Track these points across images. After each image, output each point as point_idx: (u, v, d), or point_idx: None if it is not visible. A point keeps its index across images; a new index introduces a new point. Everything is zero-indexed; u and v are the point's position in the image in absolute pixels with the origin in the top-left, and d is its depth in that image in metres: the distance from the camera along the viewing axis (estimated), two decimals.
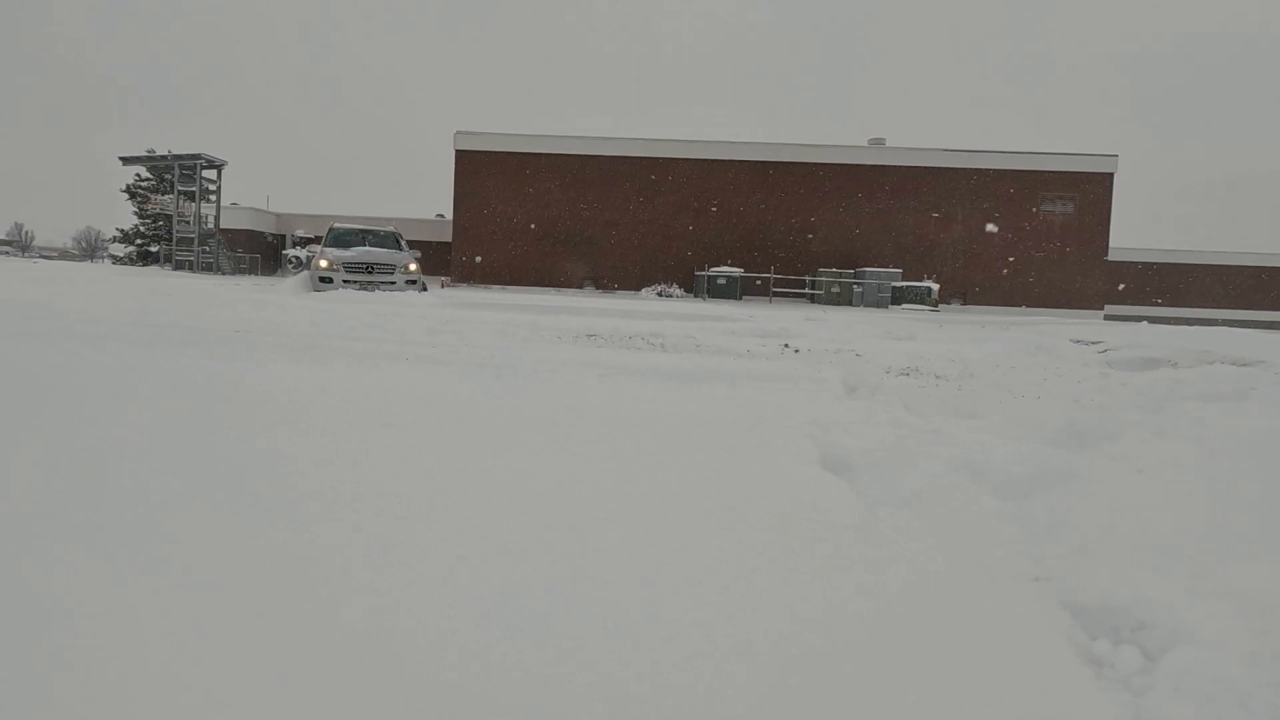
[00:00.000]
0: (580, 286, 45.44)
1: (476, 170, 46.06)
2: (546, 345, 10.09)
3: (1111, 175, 45.06)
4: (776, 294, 44.34)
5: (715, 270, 42.75)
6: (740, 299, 41.37)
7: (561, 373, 7.00)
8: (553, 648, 2.31)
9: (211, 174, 45.48)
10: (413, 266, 23.26)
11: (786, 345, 12.03)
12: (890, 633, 2.58)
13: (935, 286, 41.60)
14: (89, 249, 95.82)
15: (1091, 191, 45.04)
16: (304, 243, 50.76)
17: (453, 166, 46.30)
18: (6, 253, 70.34)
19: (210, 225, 45.46)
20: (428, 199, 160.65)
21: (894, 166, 45.44)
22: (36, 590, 2.44)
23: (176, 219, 44.89)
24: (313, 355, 7.29)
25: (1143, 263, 53.93)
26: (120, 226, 53.96)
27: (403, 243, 25.38)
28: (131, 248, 52.84)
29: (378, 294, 20.10)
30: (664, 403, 5.86)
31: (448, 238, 49.47)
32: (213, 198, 45.79)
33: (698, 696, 2.14)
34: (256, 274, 47.26)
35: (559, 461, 4.13)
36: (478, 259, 46.04)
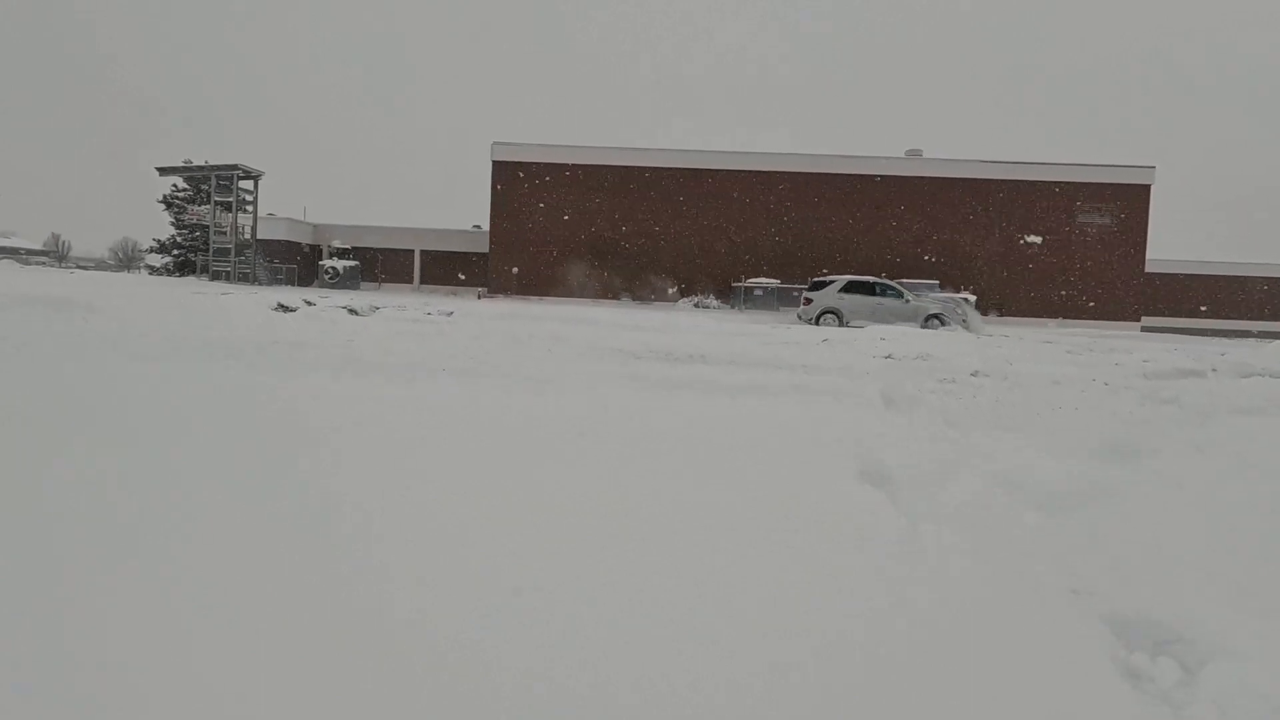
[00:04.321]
0: (617, 298, 45.47)
1: (513, 181, 46.23)
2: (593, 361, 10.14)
3: (1149, 186, 44.66)
4: None
5: (752, 282, 42.63)
6: (777, 310, 41.27)
7: (602, 386, 7.08)
8: (593, 656, 2.40)
9: (248, 184, 45.65)
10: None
11: (825, 340, 12.06)
12: (931, 645, 2.62)
13: (972, 298, 41.25)
14: (126, 260, 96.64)
15: (1129, 203, 44.66)
16: (341, 253, 51.03)
17: (490, 177, 46.54)
18: (43, 263, 71.09)
19: (246, 236, 45.70)
20: (464, 209, 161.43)
21: (931, 178, 45.22)
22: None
23: (213, 230, 45.21)
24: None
25: (1181, 274, 53.30)
26: (157, 237, 54.49)
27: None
28: (168, 258, 53.33)
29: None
30: (710, 417, 5.91)
31: (484, 249, 49.71)
32: (249, 208, 46.01)
33: (745, 707, 2.20)
34: (294, 284, 47.58)
35: (606, 477, 4.19)
36: (514, 270, 46.19)
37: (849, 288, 28.22)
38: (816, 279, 29.62)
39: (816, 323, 27.36)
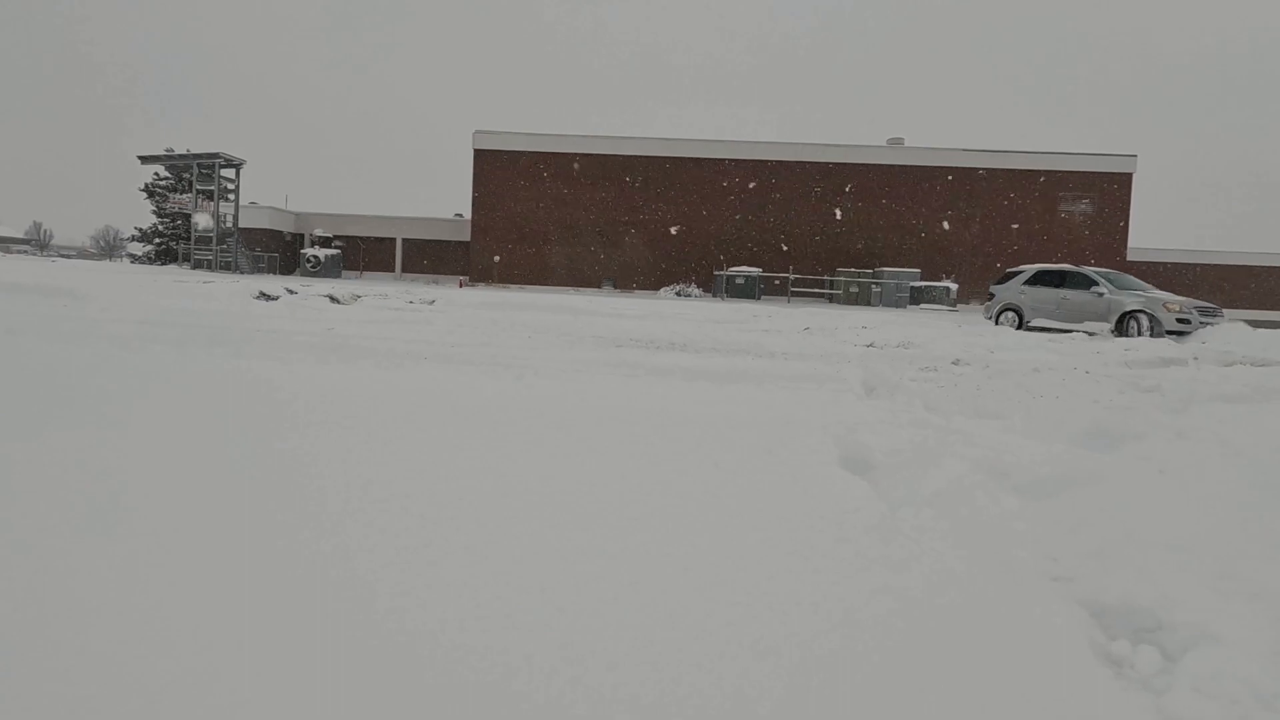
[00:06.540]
0: (599, 286, 45.47)
1: (495, 169, 46.15)
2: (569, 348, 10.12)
3: (1130, 175, 44.85)
4: (795, 294, 44.31)
5: (734, 270, 42.67)
6: (758, 299, 41.35)
7: (592, 378, 7.06)
8: (576, 648, 2.36)
9: (230, 173, 45.51)
10: None
11: (807, 329, 12.06)
12: (912, 633, 2.60)
13: (954, 286, 41.39)
14: (107, 248, 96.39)
15: (1110, 191, 44.84)
16: (323, 242, 50.80)
17: (471, 165, 46.42)
18: (25, 251, 70.62)
19: (228, 224, 45.52)
20: (446, 198, 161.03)
21: (912, 166, 45.33)
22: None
23: (195, 218, 45.01)
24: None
25: (1162, 263, 53.53)
26: (139, 225, 54.40)
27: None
28: (150, 247, 53.14)
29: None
30: (692, 402, 5.91)
31: (466, 237, 49.59)
32: (231, 197, 45.85)
33: (724, 696, 2.18)
34: (275, 273, 47.39)
35: (584, 462, 4.17)
36: (496, 258, 46.13)
37: (1035, 279, 23.63)
38: (1009, 269, 25.39)
39: (996, 321, 23.76)
